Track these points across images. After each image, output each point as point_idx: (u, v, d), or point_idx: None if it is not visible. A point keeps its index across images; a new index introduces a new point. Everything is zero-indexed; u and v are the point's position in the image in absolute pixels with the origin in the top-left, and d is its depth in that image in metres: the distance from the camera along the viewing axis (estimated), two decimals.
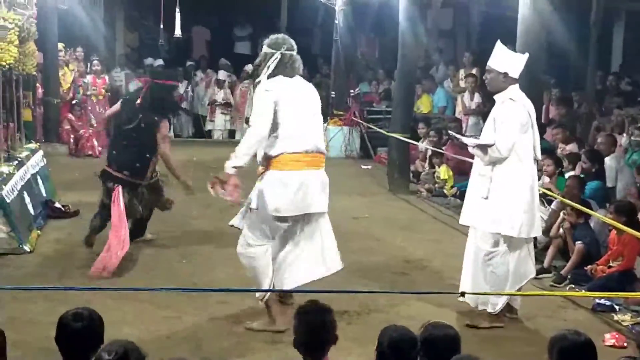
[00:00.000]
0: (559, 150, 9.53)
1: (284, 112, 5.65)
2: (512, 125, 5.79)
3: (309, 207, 5.78)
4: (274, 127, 5.63)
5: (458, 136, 6.58)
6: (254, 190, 5.74)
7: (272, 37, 5.96)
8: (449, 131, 6.16)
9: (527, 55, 6.08)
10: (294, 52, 5.92)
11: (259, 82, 5.78)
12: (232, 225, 6.00)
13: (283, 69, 5.79)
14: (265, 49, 5.87)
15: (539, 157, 6.11)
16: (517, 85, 5.93)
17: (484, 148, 5.83)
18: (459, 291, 6.00)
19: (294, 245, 5.85)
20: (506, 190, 5.82)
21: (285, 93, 5.71)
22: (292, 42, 5.96)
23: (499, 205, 5.81)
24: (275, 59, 5.78)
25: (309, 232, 5.88)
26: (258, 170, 5.82)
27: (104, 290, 6.26)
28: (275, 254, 5.84)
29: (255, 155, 5.72)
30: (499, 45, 5.94)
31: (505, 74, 5.86)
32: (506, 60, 5.90)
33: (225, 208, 7.93)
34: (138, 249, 7.79)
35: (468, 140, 6.33)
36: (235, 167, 5.61)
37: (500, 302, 5.94)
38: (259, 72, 5.85)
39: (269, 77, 5.75)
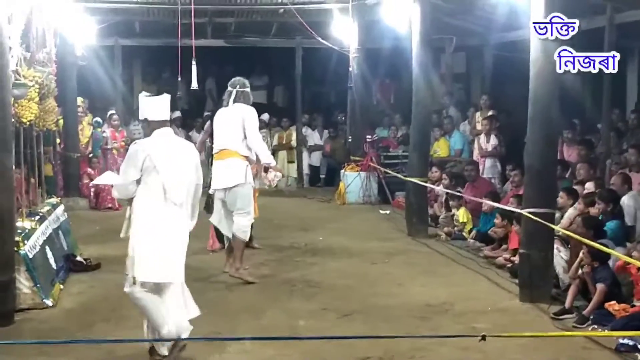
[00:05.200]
0: (578, 189, 9.50)
1: (214, 128, 8.90)
2: (126, 164, 5.99)
3: (215, 185, 8.76)
4: None
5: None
6: None
7: (233, 79, 8.90)
8: None
9: (164, 95, 6.22)
10: (246, 89, 8.79)
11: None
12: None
13: (239, 100, 8.72)
14: (228, 87, 8.84)
15: (174, 200, 5.92)
16: (163, 129, 6.06)
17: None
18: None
19: None
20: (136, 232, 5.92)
21: (217, 117, 8.91)
22: (245, 81, 8.85)
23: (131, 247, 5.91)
24: (232, 94, 8.75)
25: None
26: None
27: (125, 341, 6.29)
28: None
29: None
30: (140, 96, 6.29)
31: (145, 119, 6.13)
32: (146, 107, 6.14)
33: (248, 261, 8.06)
34: None
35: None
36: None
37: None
38: (225, 102, 8.82)
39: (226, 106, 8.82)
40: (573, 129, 12.55)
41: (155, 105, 6.14)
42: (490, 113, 14.20)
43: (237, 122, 8.57)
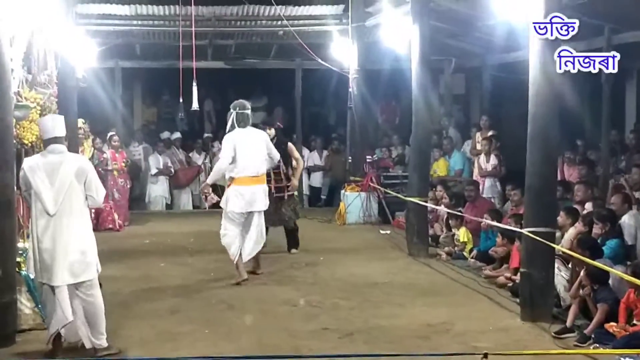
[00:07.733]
0: (578, 209, 9.50)
1: (238, 151, 9.38)
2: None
3: (252, 207, 9.53)
4: (234, 160, 9.39)
5: None
6: (224, 197, 9.61)
7: (234, 102, 9.72)
8: None
9: (56, 115, 7.24)
10: (245, 111, 9.58)
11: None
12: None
13: (238, 122, 9.53)
14: (230, 110, 9.63)
15: (48, 210, 6.46)
16: (52, 146, 6.63)
17: None
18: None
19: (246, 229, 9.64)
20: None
21: (238, 139, 9.42)
22: (245, 103, 9.73)
23: None
24: (232, 116, 9.55)
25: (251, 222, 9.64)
26: (226, 186, 9.69)
27: None
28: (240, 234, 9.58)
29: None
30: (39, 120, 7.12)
31: (40, 138, 6.99)
32: (40, 127, 6.92)
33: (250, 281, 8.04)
34: (159, 318, 7.83)
35: None
36: (208, 184, 9.86)
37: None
38: (227, 125, 9.65)
39: (230, 128, 9.58)
40: (574, 150, 12.57)
41: (46, 125, 6.75)
42: (490, 133, 14.25)
43: (263, 146, 9.67)
